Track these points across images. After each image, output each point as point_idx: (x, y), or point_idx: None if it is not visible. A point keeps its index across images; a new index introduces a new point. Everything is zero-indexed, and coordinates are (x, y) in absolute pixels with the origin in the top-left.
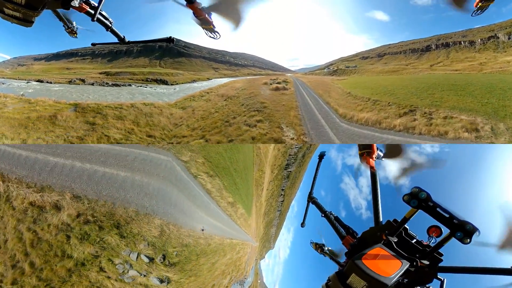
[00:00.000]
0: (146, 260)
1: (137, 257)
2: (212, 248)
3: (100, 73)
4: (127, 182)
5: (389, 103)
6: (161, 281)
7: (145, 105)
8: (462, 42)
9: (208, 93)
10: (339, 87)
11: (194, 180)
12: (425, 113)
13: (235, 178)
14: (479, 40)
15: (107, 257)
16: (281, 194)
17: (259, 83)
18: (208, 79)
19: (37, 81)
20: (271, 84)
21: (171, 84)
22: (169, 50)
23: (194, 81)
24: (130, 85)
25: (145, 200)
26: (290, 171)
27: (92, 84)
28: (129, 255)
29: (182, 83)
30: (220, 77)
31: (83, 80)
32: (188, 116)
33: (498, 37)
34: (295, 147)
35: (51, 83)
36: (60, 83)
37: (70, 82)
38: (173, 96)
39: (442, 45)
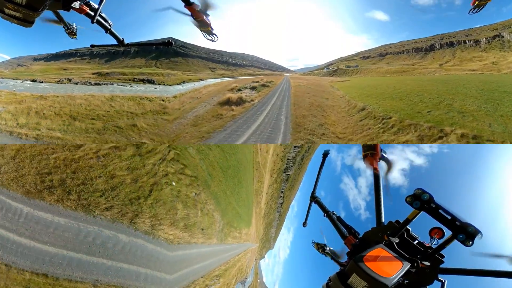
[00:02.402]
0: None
1: None
2: (231, 265)
3: (93, 73)
4: None
5: None
6: None
7: (84, 94)
8: (467, 41)
9: (164, 100)
10: (342, 94)
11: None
12: None
13: (238, 211)
14: (484, 39)
15: None
16: (281, 196)
17: (229, 88)
18: (201, 79)
19: (31, 80)
20: (239, 91)
21: (158, 84)
22: (166, 51)
23: (184, 82)
24: (112, 84)
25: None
26: (289, 174)
27: (77, 83)
28: None
29: (170, 84)
30: (213, 78)
31: (69, 80)
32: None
33: (502, 36)
34: (293, 151)
35: (42, 82)
36: (50, 82)
37: (58, 81)
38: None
39: (446, 44)
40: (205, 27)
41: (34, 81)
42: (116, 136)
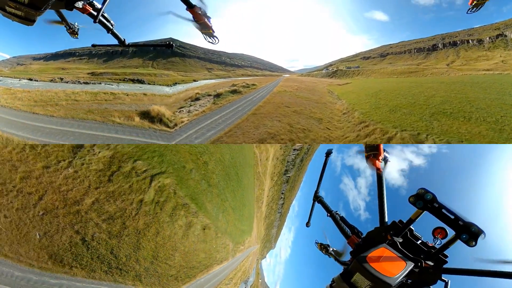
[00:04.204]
0: None
1: None
2: (238, 269)
3: (88, 73)
4: None
5: None
6: None
7: (58, 90)
8: (470, 41)
9: (129, 95)
10: (345, 108)
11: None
12: None
13: (242, 229)
14: (488, 38)
15: None
16: (281, 198)
17: (188, 96)
18: (194, 80)
19: (28, 79)
20: (195, 100)
21: (148, 83)
22: (164, 51)
23: (176, 83)
24: (100, 83)
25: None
26: (289, 176)
27: (67, 82)
28: None
29: (160, 84)
30: (209, 79)
31: (61, 79)
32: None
33: (505, 35)
34: (293, 154)
35: (36, 80)
36: (44, 81)
37: (51, 80)
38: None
39: (449, 44)
40: (206, 30)
41: (30, 79)
42: (39, 108)
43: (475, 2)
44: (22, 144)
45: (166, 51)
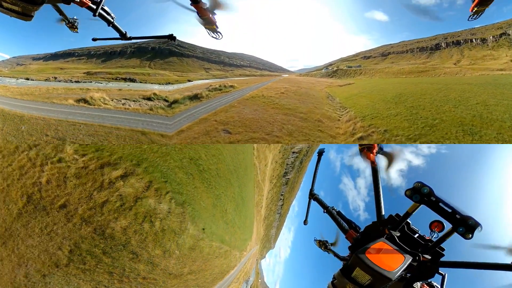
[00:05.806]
0: None
1: None
2: (241, 271)
3: (84, 73)
4: None
5: None
6: None
7: (42, 86)
8: (474, 40)
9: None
10: (362, 129)
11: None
12: None
13: (245, 237)
14: (491, 37)
15: None
16: (281, 199)
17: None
18: (189, 81)
19: (25, 79)
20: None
21: (140, 82)
22: (161, 51)
23: (169, 83)
24: (90, 81)
25: None
26: (289, 178)
27: (60, 81)
28: None
29: (152, 83)
30: (205, 79)
31: (55, 78)
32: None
33: (509, 34)
34: (292, 156)
35: (33, 80)
36: (39, 80)
37: (46, 79)
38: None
39: (452, 43)
40: (210, 25)
41: (27, 79)
42: (19, 96)
43: (475, 9)
44: (141, 215)
45: (164, 52)
